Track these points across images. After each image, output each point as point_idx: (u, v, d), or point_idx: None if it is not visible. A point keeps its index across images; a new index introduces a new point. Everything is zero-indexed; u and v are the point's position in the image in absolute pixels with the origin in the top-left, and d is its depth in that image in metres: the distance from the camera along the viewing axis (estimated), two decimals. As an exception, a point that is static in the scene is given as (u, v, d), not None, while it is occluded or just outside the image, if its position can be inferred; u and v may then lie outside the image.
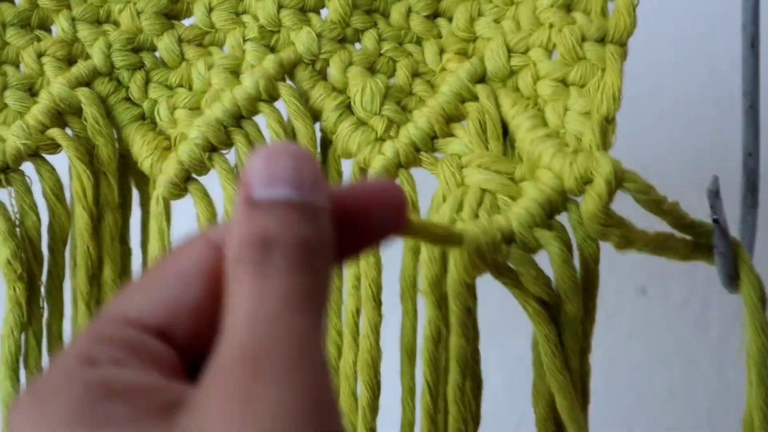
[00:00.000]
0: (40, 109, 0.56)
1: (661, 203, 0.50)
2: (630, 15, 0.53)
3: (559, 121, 0.52)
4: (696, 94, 0.97)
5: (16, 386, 0.56)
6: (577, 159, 0.49)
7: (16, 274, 0.55)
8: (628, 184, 0.48)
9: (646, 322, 0.99)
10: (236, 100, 0.56)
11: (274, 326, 0.32)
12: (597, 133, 0.50)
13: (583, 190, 0.48)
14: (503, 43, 0.55)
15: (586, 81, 0.53)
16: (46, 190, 0.56)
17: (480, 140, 0.54)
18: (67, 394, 0.32)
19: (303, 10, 0.57)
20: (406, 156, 0.54)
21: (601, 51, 0.53)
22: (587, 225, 0.49)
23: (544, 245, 0.48)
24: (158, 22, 0.58)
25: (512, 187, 0.51)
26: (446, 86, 0.56)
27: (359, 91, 0.56)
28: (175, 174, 0.55)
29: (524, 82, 0.55)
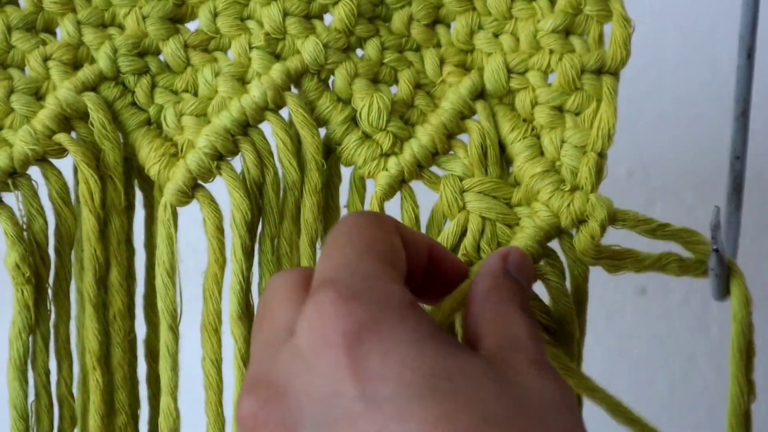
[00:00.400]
0: (47, 115, 0.56)
1: (657, 231, 0.55)
2: (626, 47, 0.56)
3: (555, 152, 0.55)
4: (697, 94, 0.97)
5: (24, 388, 0.56)
6: (574, 201, 0.54)
7: (24, 277, 0.55)
8: (620, 222, 0.54)
9: (646, 322, 0.99)
10: (244, 109, 0.56)
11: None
12: (592, 171, 0.54)
13: (577, 228, 0.54)
14: (503, 63, 0.57)
15: (582, 110, 0.56)
16: (53, 194, 0.57)
17: (480, 164, 0.56)
18: (412, 314, 0.43)
19: (307, 17, 0.58)
20: (410, 173, 0.56)
21: (598, 82, 0.56)
22: (579, 257, 0.54)
23: (541, 278, 0.54)
24: (163, 26, 0.58)
25: (510, 215, 0.55)
26: (448, 103, 0.57)
27: (366, 107, 0.57)
28: (183, 182, 0.55)
29: (522, 103, 0.57)
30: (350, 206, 0.57)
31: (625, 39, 0.55)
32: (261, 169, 0.56)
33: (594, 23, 0.56)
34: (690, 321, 1.00)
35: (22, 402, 0.56)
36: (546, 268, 0.54)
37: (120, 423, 0.59)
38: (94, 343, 0.58)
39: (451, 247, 0.55)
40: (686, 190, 0.96)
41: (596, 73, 0.56)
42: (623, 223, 0.54)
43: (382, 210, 0.56)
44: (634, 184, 0.99)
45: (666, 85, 0.97)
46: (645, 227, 0.54)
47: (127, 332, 0.59)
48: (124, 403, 0.59)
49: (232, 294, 0.55)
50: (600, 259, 0.54)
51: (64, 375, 0.58)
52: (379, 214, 0.48)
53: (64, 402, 0.58)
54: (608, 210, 0.53)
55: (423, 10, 0.58)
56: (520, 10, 0.57)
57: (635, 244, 0.55)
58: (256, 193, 0.56)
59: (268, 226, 0.57)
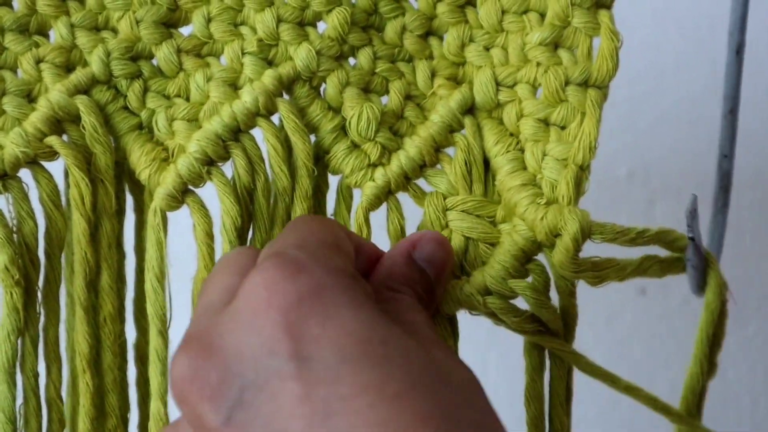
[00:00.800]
0: (38, 117, 0.56)
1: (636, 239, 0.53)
2: (613, 59, 0.55)
3: (537, 165, 0.55)
4: (697, 96, 0.97)
5: (12, 391, 0.56)
6: (548, 214, 0.52)
7: (14, 279, 0.55)
8: (597, 235, 0.52)
9: (646, 322, 0.99)
10: (235, 115, 0.56)
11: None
12: (571, 184, 0.53)
13: (553, 242, 0.52)
14: (492, 76, 0.57)
15: (567, 123, 0.56)
16: (44, 196, 0.57)
17: (464, 182, 0.56)
18: (356, 281, 0.45)
19: (301, 23, 0.58)
20: (397, 185, 0.57)
21: (583, 95, 0.55)
22: (560, 271, 0.53)
23: (520, 294, 0.53)
24: (157, 31, 0.58)
25: (493, 234, 0.55)
26: (437, 116, 0.57)
27: (356, 116, 0.57)
28: (173, 186, 0.55)
29: (509, 117, 0.57)
30: (336, 215, 0.58)
31: (612, 52, 0.55)
32: (252, 175, 0.56)
33: (583, 36, 0.56)
34: (690, 321, 0.99)
35: (10, 405, 0.56)
36: (521, 284, 0.53)
37: (110, 426, 0.59)
38: (84, 346, 0.57)
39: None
40: (686, 191, 0.96)
41: (582, 86, 0.55)
42: (601, 236, 0.53)
43: (368, 220, 0.56)
44: (635, 185, 0.99)
45: (666, 86, 0.97)
46: (624, 238, 0.53)
47: (117, 336, 0.59)
48: (114, 407, 0.59)
49: (221, 299, 0.55)
50: (580, 273, 0.53)
51: (53, 378, 0.58)
52: (328, 218, 0.51)
53: (52, 405, 0.58)
54: (583, 223, 0.52)
55: (416, 20, 0.58)
56: (511, 23, 0.57)
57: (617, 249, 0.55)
58: (246, 199, 0.56)
59: (259, 232, 0.57)
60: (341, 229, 0.49)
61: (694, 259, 0.54)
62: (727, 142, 0.60)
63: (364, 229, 0.56)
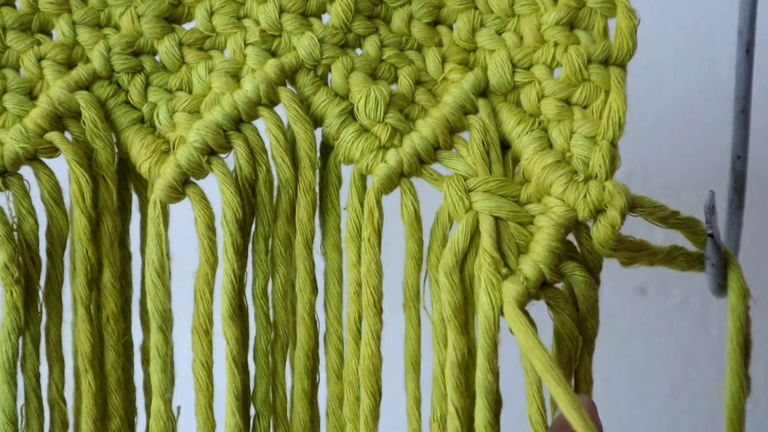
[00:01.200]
0: (38, 113, 0.56)
1: (672, 217, 0.53)
2: (632, 38, 0.54)
3: (565, 144, 0.54)
4: (696, 95, 0.97)
5: (13, 391, 0.55)
6: (590, 191, 0.51)
7: (13, 278, 0.55)
8: (638, 209, 0.52)
9: (645, 322, 0.99)
10: (236, 104, 0.55)
11: None
12: (606, 158, 0.52)
13: (594, 218, 0.51)
14: (507, 57, 0.56)
15: (590, 102, 0.54)
16: (45, 194, 0.56)
17: (484, 162, 0.54)
18: None
19: (304, 14, 0.57)
20: (410, 166, 0.54)
21: (605, 73, 0.54)
22: (597, 249, 0.52)
23: (568, 276, 0.52)
24: (159, 25, 0.58)
25: (522, 213, 0.53)
26: (450, 97, 0.56)
27: (363, 98, 0.55)
28: (173, 177, 0.54)
29: (528, 98, 0.55)
30: (349, 207, 0.56)
31: (630, 30, 0.54)
32: (253, 166, 0.56)
33: (598, 16, 0.55)
34: (690, 321, 1.00)
35: (11, 405, 0.55)
36: (570, 265, 0.52)
37: (113, 427, 0.58)
38: (86, 345, 0.57)
39: (462, 249, 0.53)
40: (686, 191, 0.96)
41: (603, 64, 0.54)
42: (641, 210, 0.52)
43: (380, 203, 0.54)
44: (634, 185, 0.98)
45: (666, 85, 0.97)
46: (660, 214, 0.52)
47: (121, 335, 0.58)
48: (117, 407, 0.58)
49: (224, 293, 0.54)
50: (618, 250, 0.52)
51: (55, 378, 0.57)
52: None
53: (55, 406, 0.57)
54: (626, 196, 0.51)
55: (423, 8, 0.58)
56: (523, 6, 0.56)
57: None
58: (248, 191, 0.55)
59: (262, 225, 0.56)
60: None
61: (713, 257, 0.53)
62: (739, 142, 0.59)
63: (375, 213, 0.54)
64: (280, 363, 0.57)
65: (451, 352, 0.52)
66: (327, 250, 0.57)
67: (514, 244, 0.52)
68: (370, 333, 0.54)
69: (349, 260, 0.55)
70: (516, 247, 0.52)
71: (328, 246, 0.57)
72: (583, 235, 0.53)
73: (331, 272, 0.56)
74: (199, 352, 0.55)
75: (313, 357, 0.57)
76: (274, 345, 0.57)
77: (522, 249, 0.52)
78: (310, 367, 0.57)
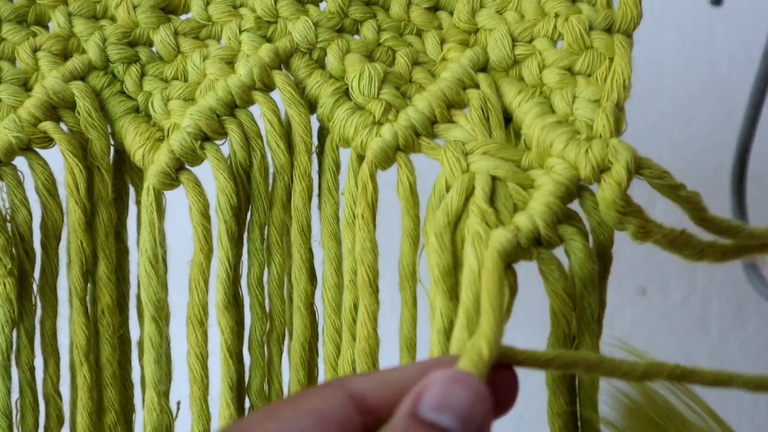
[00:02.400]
0: (33, 103, 0.55)
1: (677, 189, 0.49)
2: (636, 6, 0.53)
3: (568, 108, 0.51)
4: (696, 95, 0.97)
5: (7, 384, 0.55)
6: (593, 147, 0.48)
7: (6, 269, 0.54)
8: (645, 170, 0.48)
9: (646, 322, 0.99)
10: (230, 89, 0.54)
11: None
12: (610, 118, 0.49)
13: (599, 178, 0.48)
14: (507, 32, 0.54)
15: (593, 70, 0.53)
16: (39, 184, 0.55)
17: (483, 128, 0.52)
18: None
19: (301, 1, 0.57)
20: (405, 139, 0.53)
21: (609, 40, 0.53)
22: (604, 213, 0.48)
23: (566, 241, 0.48)
24: (154, 15, 0.57)
25: (522, 174, 0.50)
26: (448, 72, 0.54)
27: (357, 76, 0.54)
28: (166, 163, 0.54)
29: (529, 70, 0.54)
30: (346, 191, 0.54)
31: None
32: (248, 152, 0.55)
33: None
34: (690, 321, 0.99)
35: (5, 399, 0.54)
36: (569, 230, 0.48)
37: (109, 421, 0.58)
38: (81, 337, 0.56)
39: (455, 210, 0.49)
40: (686, 190, 0.96)
41: (606, 32, 0.53)
42: (649, 172, 0.48)
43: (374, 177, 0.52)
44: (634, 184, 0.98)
45: (665, 85, 0.97)
46: (669, 181, 0.48)
47: (117, 328, 0.57)
48: (113, 401, 0.57)
49: (218, 282, 0.53)
50: (627, 215, 0.47)
51: (51, 372, 0.56)
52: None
53: (50, 400, 0.56)
54: (633, 153, 0.47)
55: None
56: None
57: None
58: (243, 177, 0.54)
59: (257, 212, 0.55)
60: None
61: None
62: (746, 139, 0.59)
63: (369, 187, 0.52)
64: (276, 354, 0.56)
65: (438, 318, 0.48)
66: (324, 238, 0.55)
67: (511, 203, 0.49)
68: (366, 313, 0.52)
69: (346, 247, 0.54)
70: (513, 206, 0.49)
71: (325, 234, 0.55)
72: (589, 204, 0.49)
73: (329, 262, 0.55)
74: (193, 343, 0.54)
75: (310, 348, 0.55)
76: (269, 336, 0.56)
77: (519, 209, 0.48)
78: (307, 358, 0.55)
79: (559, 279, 0.47)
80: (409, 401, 0.37)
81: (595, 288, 0.49)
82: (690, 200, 0.50)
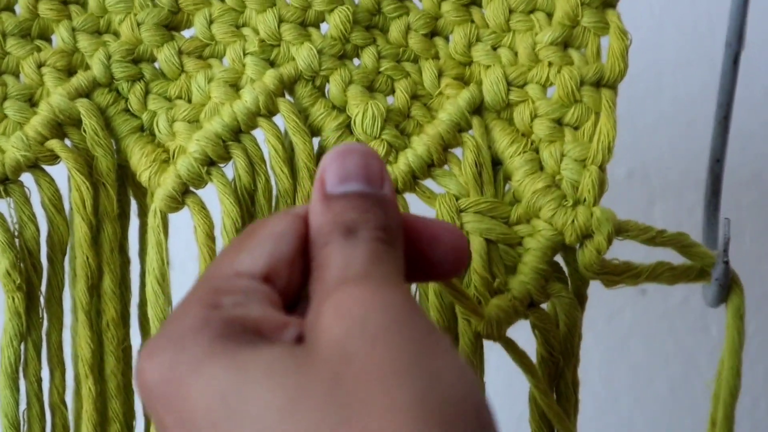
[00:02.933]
0: (39, 121, 0.56)
1: (656, 238, 0.54)
2: (624, 59, 0.56)
3: (555, 166, 0.55)
4: (696, 95, 0.97)
5: (15, 395, 0.56)
6: (578, 217, 0.53)
7: (15, 284, 0.55)
8: (624, 233, 0.54)
9: (646, 322, 0.99)
10: (235, 115, 0.56)
11: (372, 299, 0.37)
12: (594, 184, 0.54)
13: (582, 243, 0.53)
14: (503, 75, 0.57)
15: (581, 123, 0.56)
16: (45, 200, 0.56)
17: (475, 183, 0.55)
18: (207, 332, 0.37)
19: (303, 24, 0.57)
20: (404, 183, 0.55)
21: (597, 96, 0.56)
22: (582, 272, 0.54)
23: (555, 297, 0.54)
24: (158, 33, 0.58)
25: (511, 236, 0.54)
26: (446, 114, 0.57)
27: (360, 113, 0.56)
28: (173, 187, 0.55)
29: (521, 117, 0.57)
30: None
31: (622, 51, 0.55)
32: (253, 176, 0.56)
33: (591, 36, 0.56)
34: (690, 321, 1.00)
35: (13, 410, 0.56)
36: (556, 286, 0.54)
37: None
38: (86, 350, 0.57)
39: None
40: (686, 191, 0.96)
41: (595, 86, 0.55)
42: (627, 234, 0.54)
43: None
44: (634, 185, 0.99)
45: (665, 85, 0.97)
46: (646, 236, 0.54)
47: (121, 340, 0.59)
48: (117, 413, 0.59)
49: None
50: (601, 273, 0.54)
51: (57, 383, 0.57)
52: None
53: (56, 410, 0.57)
54: (613, 222, 0.53)
55: (421, 20, 0.58)
56: (518, 22, 0.57)
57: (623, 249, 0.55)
58: (247, 201, 0.56)
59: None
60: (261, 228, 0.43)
61: (722, 278, 0.56)
62: (719, 146, 0.61)
63: None
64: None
65: None
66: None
67: (502, 265, 0.54)
68: None
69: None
70: (504, 267, 0.54)
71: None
72: (570, 256, 0.54)
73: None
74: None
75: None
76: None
77: (510, 270, 0.54)
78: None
79: (552, 329, 0.54)
80: (316, 189, 0.42)
81: (578, 330, 0.55)
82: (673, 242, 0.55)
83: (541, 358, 0.54)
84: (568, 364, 0.55)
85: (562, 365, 0.54)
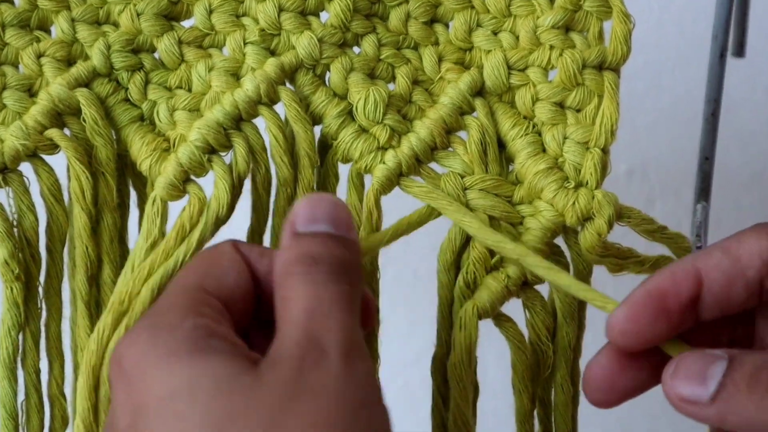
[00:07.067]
0: (38, 110, 0.56)
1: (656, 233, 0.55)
2: (627, 42, 0.56)
3: (558, 148, 0.55)
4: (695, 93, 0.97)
5: (13, 386, 0.56)
6: (579, 199, 0.53)
7: (14, 274, 0.55)
8: (625, 219, 0.54)
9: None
10: (236, 103, 0.55)
11: (329, 319, 0.42)
12: (597, 167, 0.54)
13: (582, 225, 0.54)
14: (503, 59, 0.57)
15: (583, 106, 0.56)
16: (44, 190, 0.56)
17: (481, 161, 0.56)
18: (181, 331, 0.42)
19: (303, 13, 0.57)
20: (408, 166, 0.56)
21: (599, 78, 0.56)
22: (584, 254, 0.54)
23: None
24: (158, 23, 0.58)
25: (513, 214, 0.55)
26: (447, 98, 0.57)
27: (362, 100, 0.56)
28: (174, 175, 0.55)
29: (522, 100, 0.57)
30: (348, 204, 0.56)
31: (625, 35, 0.55)
32: (251, 164, 0.56)
33: (594, 19, 0.56)
34: (690, 321, 1.00)
35: (12, 401, 0.56)
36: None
37: (111, 423, 0.59)
38: (85, 341, 0.57)
39: (459, 244, 0.55)
40: (685, 189, 0.96)
41: (597, 69, 0.55)
42: (628, 221, 0.54)
43: (379, 203, 0.55)
44: (634, 183, 0.99)
45: (665, 83, 0.97)
46: (647, 227, 0.54)
47: (120, 332, 0.58)
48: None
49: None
50: (605, 257, 0.54)
51: (55, 374, 0.57)
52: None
53: (55, 401, 0.57)
54: (614, 206, 0.53)
55: (420, 7, 0.58)
56: (519, 7, 0.57)
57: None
58: (239, 189, 0.55)
59: (258, 223, 0.56)
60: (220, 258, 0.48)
61: None
62: (708, 144, 0.61)
63: (374, 213, 0.55)
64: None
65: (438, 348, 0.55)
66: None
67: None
68: None
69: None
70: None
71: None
72: (571, 239, 0.55)
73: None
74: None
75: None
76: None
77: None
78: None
79: (540, 312, 0.54)
80: (287, 226, 0.46)
81: (574, 319, 0.55)
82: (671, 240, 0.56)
83: (529, 341, 0.55)
84: (563, 356, 0.56)
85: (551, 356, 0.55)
